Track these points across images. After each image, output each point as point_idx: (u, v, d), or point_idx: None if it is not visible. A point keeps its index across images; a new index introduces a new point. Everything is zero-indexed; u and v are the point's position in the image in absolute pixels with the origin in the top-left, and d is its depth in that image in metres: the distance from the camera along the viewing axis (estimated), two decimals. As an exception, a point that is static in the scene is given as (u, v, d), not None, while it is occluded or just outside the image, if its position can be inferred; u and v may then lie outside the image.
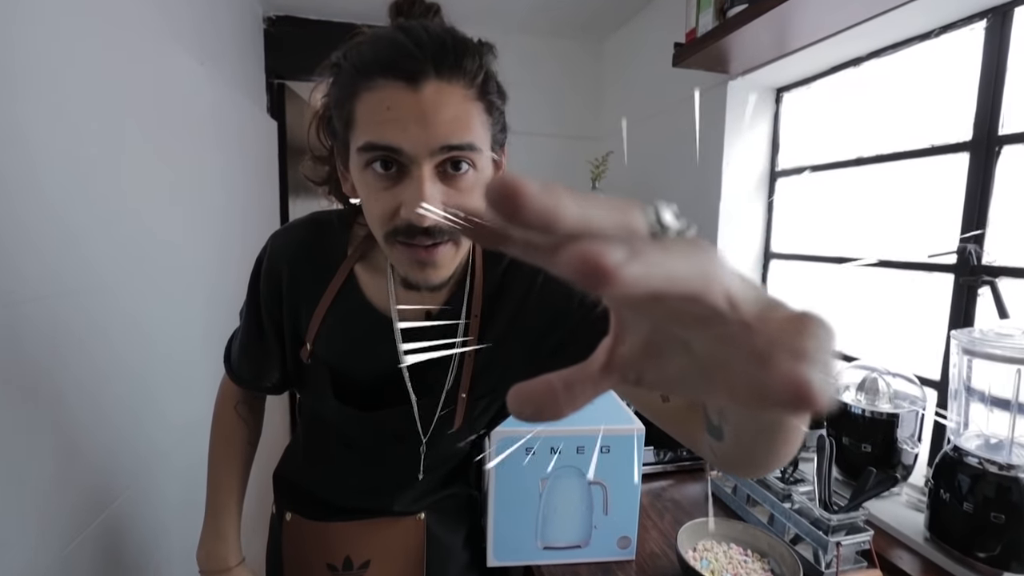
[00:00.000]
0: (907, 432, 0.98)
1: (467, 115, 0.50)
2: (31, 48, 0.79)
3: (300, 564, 0.79)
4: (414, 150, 0.48)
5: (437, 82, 0.48)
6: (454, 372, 0.65)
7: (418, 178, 0.48)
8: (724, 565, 0.82)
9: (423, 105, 0.47)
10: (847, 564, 0.83)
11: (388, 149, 0.48)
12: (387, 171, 0.50)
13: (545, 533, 0.85)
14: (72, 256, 0.91)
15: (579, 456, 0.83)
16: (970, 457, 0.82)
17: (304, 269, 0.65)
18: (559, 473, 0.83)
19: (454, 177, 0.51)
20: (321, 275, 0.64)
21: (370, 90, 0.48)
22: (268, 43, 2.11)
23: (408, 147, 0.48)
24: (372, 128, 0.49)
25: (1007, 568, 0.77)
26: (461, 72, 0.49)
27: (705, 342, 0.18)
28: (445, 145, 0.48)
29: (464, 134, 0.49)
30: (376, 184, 0.51)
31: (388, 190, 0.50)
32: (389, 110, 0.47)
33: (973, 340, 0.82)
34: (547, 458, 0.82)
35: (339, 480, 0.77)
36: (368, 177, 0.51)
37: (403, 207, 0.49)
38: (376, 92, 0.48)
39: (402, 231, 0.51)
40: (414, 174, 0.49)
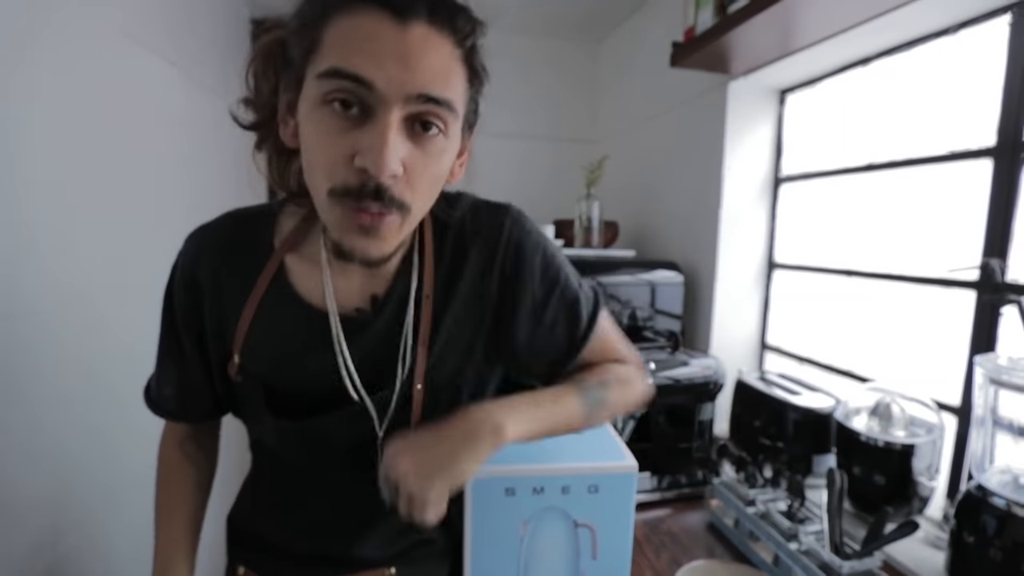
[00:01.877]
0: (924, 463, 0.90)
1: (451, 71, 0.45)
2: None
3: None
4: (387, 89, 0.42)
5: (428, 26, 0.43)
6: (408, 362, 0.56)
7: (384, 124, 0.42)
8: (725, 616, 0.74)
9: (408, 43, 0.42)
10: (861, 616, 0.75)
11: (357, 80, 0.42)
12: (347, 111, 0.43)
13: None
14: (35, 272, 0.84)
15: (565, 497, 0.75)
16: (996, 498, 0.74)
17: (225, 271, 0.56)
18: (542, 516, 0.76)
19: (422, 137, 0.46)
20: (245, 275, 0.56)
21: (347, 14, 0.43)
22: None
23: (381, 84, 0.42)
24: (343, 54, 0.42)
25: (1041, 624, 0.69)
26: (453, 26, 0.45)
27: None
28: (423, 94, 0.43)
29: (446, 88, 0.45)
30: (331, 124, 0.44)
31: (345, 133, 0.44)
32: (367, 40, 0.42)
33: (1000, 369, 0.74)
34: (529, 499, 0.75)
35: (292, 521, 0.66)
36: (323, 114, 0.44)
37: (359, 155, 0.43)
38: (354, 17, 0.42)
39: (352, 188, 0.44)
40: (380, 118, 0.43)
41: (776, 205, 1.42)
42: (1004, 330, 0.88)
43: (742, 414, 1.23)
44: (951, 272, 0.93)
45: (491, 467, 0.71)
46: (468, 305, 0.59)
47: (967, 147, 0.94)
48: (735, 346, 1.47)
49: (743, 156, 1.40)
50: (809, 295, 1.34)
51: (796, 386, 1.17)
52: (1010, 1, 0.85)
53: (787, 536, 0.84)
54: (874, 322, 1.15)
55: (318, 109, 0.44)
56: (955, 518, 0.79)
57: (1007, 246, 0.87)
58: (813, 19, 0.99)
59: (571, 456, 0.78)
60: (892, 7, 0.91)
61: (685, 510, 1.10)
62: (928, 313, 1.03)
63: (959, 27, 0.94)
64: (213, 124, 1.63)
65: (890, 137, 1.11)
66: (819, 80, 1.27)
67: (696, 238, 1.50)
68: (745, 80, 1.34)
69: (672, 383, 1.12)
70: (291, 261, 0.57)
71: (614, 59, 2.10)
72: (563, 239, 1.64)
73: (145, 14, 1.27)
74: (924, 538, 0.93)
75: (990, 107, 0.89)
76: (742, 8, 1.01)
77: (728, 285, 1.43)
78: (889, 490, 0.91)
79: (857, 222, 1.20)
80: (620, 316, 1.42)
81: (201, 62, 1.58)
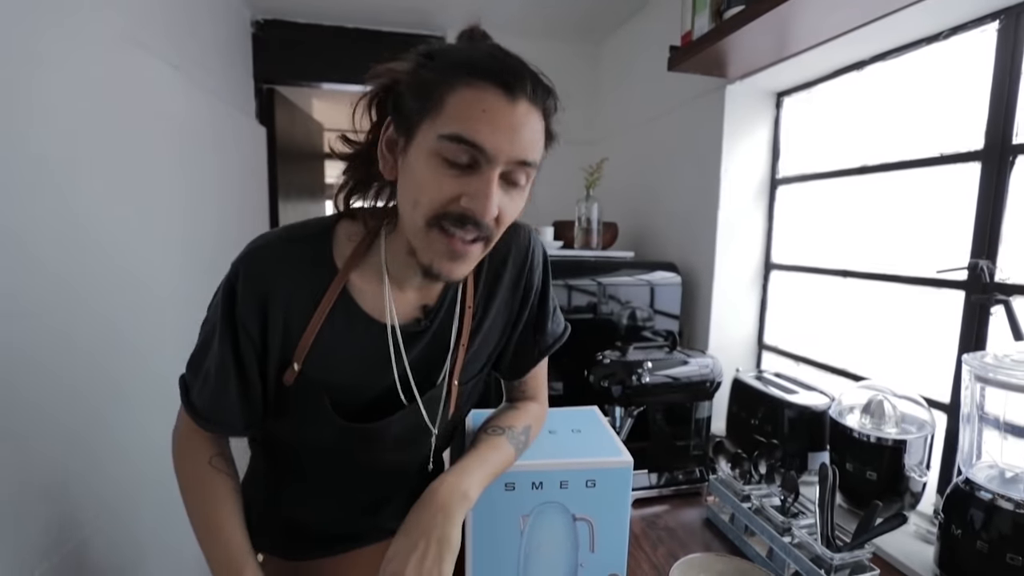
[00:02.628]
0: (915, 459, 0.92)
1: (540, 140, 0.56)
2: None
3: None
4: (496, 153, 0.52)
5: (528, 103, 0.53)
6: (449, 364, 0.68)
7: (489, 178, 0.53)
8: (719, 607, 0.76)
9: (516, 117, 0.52)
10: (851, 606, 0.78)
11: (474, 146, 0.51)
12: (459, 163, 0.52)
13: (527, 573, 0.80)
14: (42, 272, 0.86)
15: (563, 491, 0.78)
16: (983, 492, 0.76)
17: (292, 286, 0.61)
18: (541, 509, 0.78)
19: (511, 188, 0.57)
20: (312, 290, 0.61)
21: (469, 86, 0.51)
22: (256, 47, 2.07)
23: (491, 149, 0.52)
24: (465, 123, 0.51)
25: (1025, 613, 0.71)
26: (543, 104, 0.55)
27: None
28: (521, 160, 0.54)
29: (535, 154, 0.56)
30: (444, 171, 0.53)
31: (455, 178, 0.53)
32: (485, 112, 0.51)
33: (986, 366, 0.76)
34: (529, 494, 0.77)
35: (324, 505, 0.73)
36: (438, 162, 0.53)
37: (465, 197, 0.53)
38: (475, 90, 0.51)
39: (453, 217, 0.54)
40: (486, 173, 0.53)
41: (773, 206, 1.44)
42: (993, 329, 0.90)
43: (739, 412, 1.25)
44: (940, 272, 0.95)
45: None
46: (500, 312, 0.72)
47: (957, 150, 0.96)
48: (733, 346, 1.49)
49: (740, 158, 1.42)
50: (805, 295, 1.36)
51: (792, 385, 1.19)
52: (997, 8, 0.88)
53: (780, 530, 0.86)
54: (868, 321, 1.18)
55: (434, 157, 0.53)
56: (943, 511, 0.81)
57: (995, 247, 0.89)
58: (806, 25, 1.01)
59: (569, 452, 0.80)
60: (882, 14, 0.93)
61: (682, 506, 1.12)
62: (920, 312, 1.05)
63: (949, 33, 0.96)
64: (213, 126, 1.66)
65: (884, 140, 1.13)
66: (815, 84, 1.29)
67: (694, 239, 1.52)
68: (742, 83, 1.36)
69: (670, 381, 1.15)
70: (353, 278, 0.63)
71: (613, 62, 2.12)
72: (563, 240, 1.66)
73: (149, 18, 1.29)
74: (915, 532, 0.95)
75: (979, 111, 0.91)
76: (737, 14, 1.03)
77: (726, 286, 1.46)
78: (881, 485, 0.93)
79: (852, 223, 1.22)
80: (620, 316, 1.44)
81: (203, 65, 1.61)
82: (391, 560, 0.58)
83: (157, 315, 1.30)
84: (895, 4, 0.90)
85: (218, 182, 1.69)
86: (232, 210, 1.79)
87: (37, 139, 0.87)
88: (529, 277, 0.72)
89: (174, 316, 1.40)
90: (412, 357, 0.66)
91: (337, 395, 0.64)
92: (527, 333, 0.76)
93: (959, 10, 0.90)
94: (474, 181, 0.53)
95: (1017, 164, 0.87)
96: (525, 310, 0.74)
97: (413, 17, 2.04)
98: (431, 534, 0.59)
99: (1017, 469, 0.77)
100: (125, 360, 1.15)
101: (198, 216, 1.55)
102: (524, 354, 0.77)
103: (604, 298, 1.43)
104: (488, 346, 0.73)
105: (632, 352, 1.18)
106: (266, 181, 2.21)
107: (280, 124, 2.23)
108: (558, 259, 1.50)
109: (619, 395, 1.12)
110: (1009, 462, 0.78)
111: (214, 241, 1.63)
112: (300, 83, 2.18)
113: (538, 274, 0.73)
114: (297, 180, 2.49)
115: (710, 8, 1.11)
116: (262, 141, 2.16)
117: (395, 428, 0.67)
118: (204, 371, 0.64)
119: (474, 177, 0.53)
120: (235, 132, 1.85)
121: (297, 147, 2.48)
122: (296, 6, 1.98)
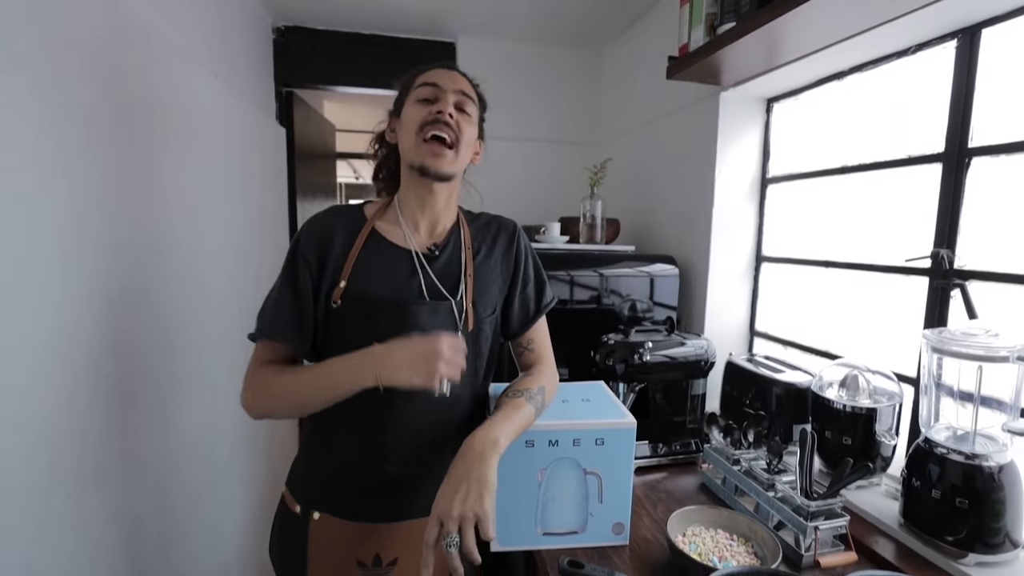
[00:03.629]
0: (885, 426, 1.04)
1: (471, 91, 0.90)
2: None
3: (327, 561, 0.83)
4: (445, 85, 0.86)
5: (459, 73, 0.91)
6: (461, 288, 0.88)
7: (445, 99, 0.85)
8: (711, 548, 0.88)
9: (454, 75, 0.89)
10: (825, 547, 0.89)
11: (433, 84, 0.86)
12: (428, 97, 0.86)
13: (544, 520, 0.92)
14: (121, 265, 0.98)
15: (576, 448, 0.89)
16: (939, 448, 0.88)
17: (340, 230, 0.87)
18: (557, 464, 0.90)
19: (461, 114, 0.87)
20: (351, 232, 0.87)
21: (427, 71, 0.89)
22: (277, 52, 2.18)
23: (442, 84, 0.86)
24: (426, 79, 0.87)
25: (972, 549, 0.83)
26: (471, 79, 0.93)
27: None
28: (461, 90, 0.88)
29: (471, 92, 0.90)
30: (420, 105, 0.85)
31: (426, 106, 0.85)
32: (436, 74, 0.88)
33: (942, 339, 0.88)
34: (546, 450, 0.89)
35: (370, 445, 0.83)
36: (415, 103, 0.86)
37: (434, 109, 0.84)
38: (430, 71, 0.89)
39: (430, 122, 0.83)
40: (443, 97, 0.85)
41: (764, 204, 1.56)
42: (953, 310, 1.02)
43: (731, 391, 1.37)
44: (908, 261, 1.07)
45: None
46: (496, 266, 0.94)
47: (922, 153, 1.08)
48: (726, 333, 1.60)
49: (733, 159, 1.54)
50: (793, 285, 1.48)
51: (780, 366, 1.31)
52: (956, 28, 1.00)
53: (766, 486, 0.98)
54: (848, 307, 1.29)
55: (414, 104, 0.86)
56: (906, 467, 0.93)
57: (954, 238, 1.01)
58: (791, 40, 1.12)
59: (581, 415, 0.92)
60: (858, 31, 1.05)
61: (680, 474, 1.24)
62: (892, 297, 1.17)
63: (916, 48, 1.08)
64: (244, 129, 1.77)
65: (861, 143, 1.25)
66: (801, 91, 1.41)
67: (691, 234, 1.63)
68: (735, 91, 1.48)
69: (668, 360, 1.26)
70: (379, 224, 0.90)
71: (614, 68, 2.24)
72: (569, 235, 1.78)
73: (194, 32, 1.41)
74: (885, 491, 1.07)
75: (940, 118, 1.03)
76: (729, 30, 1.14)
77: (720, 277, 1.57)
78: (855, 449, 1.05)
79: (834, 218, 1.34)
80: (621, 305, 1.55)
81: (235, 71, 1.72)
82: (439, 502, 0.70)
83: (205, 309, 1.41)
84: (870, 21, 1.01)
85: (246, 182, 1.80)
86: (256, 210, 1.91)
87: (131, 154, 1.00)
88: (518, 246, 0.97)
89: (219, 308, 1.51)
90: (432, 271, 0.87)
91: (377, 304, 0.82)
92: (525, 294, 0.97)
93: (924, 28, 1.02)
94: (438, 103, 0.85)
95: (972, 165, 0.99)
96: (520, 272, 0.96)
97: (425, 24, 2.15)
98: (471, 476, 0.71)
99: (968, 428, 0.88)
100: (179, 351, 1.27)
101: (234, 216, 1.67)
102: (523, 310, 0.97)
103: (607, 289, 1.55)
104: (492, 289, 0.92)
105: (634, 335, 1.30)
106: (286, 181, 2.33)
107: (298, 125, 2.34)
108: (564, 252, 1.62)
109: (622, 372, 1.24)
110: (962, 424, 0.90)
111: (242, 239, 1.75)
112: (318, 86, 2.29)
113: (525, 246, 0.98)
114: (313, 180, 2.59)
115: (705, 23, 1.23)
116: (282, 142, 2.27)
117: (425, 318, 0.83)
118: (268, 300, 0.85)
119: (438, 103, 0.85)
120: (261, 134, 1.96)
121: (312, 147, 2.58)
122: (315, 13, 2.09)
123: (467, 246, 0.92)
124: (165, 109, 1.23)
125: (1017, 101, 0.94)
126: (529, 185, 2.31)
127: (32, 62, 0.80)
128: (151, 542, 1.14)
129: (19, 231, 0.79)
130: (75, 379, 0.91)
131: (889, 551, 0.92)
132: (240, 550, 1.68)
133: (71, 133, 0.90)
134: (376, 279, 0.84)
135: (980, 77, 0.97)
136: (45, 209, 0.84)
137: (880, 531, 0.97)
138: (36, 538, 0.82)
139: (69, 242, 0.90)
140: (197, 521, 1.36)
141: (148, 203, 1.15)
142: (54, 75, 0.86)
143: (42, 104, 0.83)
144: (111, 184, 1.01)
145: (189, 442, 1.32)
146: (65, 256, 0.89)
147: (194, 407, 1.36)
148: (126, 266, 1.06)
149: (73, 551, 0.90)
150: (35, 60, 0.81)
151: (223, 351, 1.53)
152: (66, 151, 0.89)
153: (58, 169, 0.87)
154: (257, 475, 1.89)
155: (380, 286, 0.84)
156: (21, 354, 0.79)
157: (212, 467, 1.46)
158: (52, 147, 0.86)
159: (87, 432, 0.94)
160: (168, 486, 1.21)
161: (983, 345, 0.83)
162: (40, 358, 0.83)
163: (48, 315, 0.85)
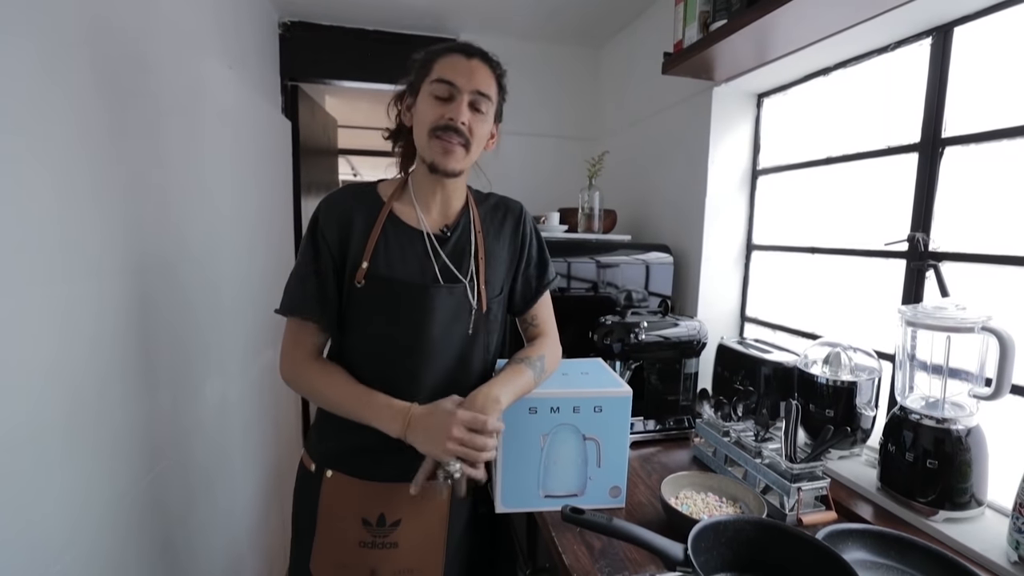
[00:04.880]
0: (865, 399, 1.11)
1: (490, 83, 0.90)
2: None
3: (336, 517, 0.89)
4: (462, 85, 0.86)
5: (480, 60, 0.89)
6: (472, 269, 0.93)
7: (460, 101, 0.86)
8: (701, 508, 0.95)
9: (472, 66, 0.87)
10: (807, 508, 0.96)
11: (449, 83, 0.86)
12: (442, 96, 0.86)
13: (546, 483, 0.98)
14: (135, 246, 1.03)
15: (576, 415, 0.96)
16: (913, 415, 0.95)
17: (359, 211, 0.91)
18: (558, 430, 0.96)
19: (476, 113, 0.88)
20: (370, 214, 0.91)
21: (445, 56, 0.88)
22: (283, 47, 2.24)
23: (459, 83, 0.86)
24: (443, 72, 0.86)
25: (942, 507, 0.90)
26: (492, 64, 0.91)
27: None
28: (478, 90, 0.87)
29: (489, 90, 0.89)
30: (435, 101, 0.87)
31: (442, 105, 0.86)
32: (454, 66, 0.87)
33: (916, 314, 0.95)
34: (548, 416, 0.95)
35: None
36: (431, 99, 0.87)
37: (448, 115, 0.86)
38: (448, 57, 0.88)
39: (442, 127, 0.86)
40: (458, 99, 0.86)
41: (754, 194, 1.63)
42: (928, 290, 1.09)
43: (723, 372, 1.43)
44: (887, 245, 1.14)
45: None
46: (504, 247, 0.99)
47: (900, 143, 1.15)
48: (719, 318, 1.67)
49: (725, 151, 1.60)
50: (783, 271, 1.55)
51: (769, 347, 1.38)
52: (930, 27, 1.07)
53: (753, 453, 1.05)
54: (833, 290, 1.36)
55: (428, 96, 0.87)
56: (883, 435, 1.00)
57: (929, 222, 1.08)
58: (779, 37, 1.19)
59: (581, 384, 0.99)
60: (841, 28, 1.11)
61: (673, 448, 1.31)
62: (873, 279, 1.24)
63: (896, 45, 1.15)
64: (255, 120, 1.83)
65: (846, 134, 1.31)
66: (790, 86, 1.48)
67: (685, 223, 1.70)
68: (727, 86, 1.54)
69: (663, 340, 1.33)
70: (395, 206, 0.93)
71: (612, 64, 2.30)
72: (568, 224, 1.84)
73: (210, 26, 1.46)
74: (865, 460, 1.14)
75: (916, 110, 1.10)
76: (721, 26, 1.21)
77: (712, 264, 1.64)
78: (837, 420, 1.11)
79: (819, 206, 1.41)
80: (618, 291, 1.62)
81: (245, 64, 1.78)
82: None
83: (220, 293, 1.47)
84: (852, 20, 1.08)
85: (257, 172, 1.85)
86: (267, 200, 1.96)
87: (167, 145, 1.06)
88: (524, 229, 1.03)
89: (230, 294, 1.57)
90: (444, 253, 0.92)
91: (396, 285, 0.87)
92: (528, 273, 1.03)
93: (901, 27, 1.09)
94: (452, 106, 0.86)
95: (945, 154, 1.06)
96: (524, 252, 1.02)
97: (428, 21, 2.21)
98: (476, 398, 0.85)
99: (938, 397, 0.95)
100: (200, 332, 1.32)
101: (247, 204, 1.73)
102: (526, 289, 1.03)
103: (603, 276, 1.61)
104: (500, 269, 0.98)
105: (630, 316, 1.36)
106: (291, 173, 2.38)
107: (302, 118, 2.40)
108: (563, 241, 1.68)
109: (619, 351, 1.30)
110: (934, 393, 0.97)
111: (253, 229, 1.80)
112: (322, 81, 2.35)
113: (530, 227, 1.04)
114: (316, 175, 2.65)
115: (699, 21, 1.29)
116: (288, 135, 2.32)
117: (446, 303, 0.89)
118: (292, 277, 0.90)
119: (452, 104, 0.86)
120: (270, 126, 2.02)
121: (315, 141, 2.64)
122: (320, 9, 2.14)
123: (477, 229, 0.96)
124: (190, 97, 1.29)
125: (986, 94, 1.01)
126: (530, 177, 2.37)
127: (65, 57, 0.86)
128: (175, 507, 1.20)
129: (50, 215, 0.83)
130: (97, 365, 0.96)
131: (867, 512, 0.99)
132: (248, 531, 1.74)
133: (95, 121, 0.95)
134: (394, 260, 0.89)
135: (953, 72, 1.04)
136: (71, 195, 0.88)
137: (859, 495, 1.04)
138: (83, 508, 0.87)
139: (94, 232, 0.95)
140: (209, 497, 1.42)
141: (170, 190, 1.20)
142: (92, 68, 0.91)
143: (68, 98, 0.88)
144: (137, 172, 1.07)
145: (200, 424, 1.37)
146: (87, 253, 0.93)
147: (206, 392, 1.41)
148: (153, 256, 1.11)
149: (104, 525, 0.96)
150: (71, 55, 0.87)
151: (238, 338, 1.58)
152: (93, 139, 0.94)
153: (85, 157, 0.93)
154: (259, 457, 1.95)
155: (398, 268, 0.89)
156: (40, 340, 0.85)
157: (223, 448, 1.51)
158: (78, 133, 0.91)
159: (113, 415, 1.00)
160: (182, 463, 1.27)
161: (952, 318, 0.90)
162: (59, 345, 0.89)
163: (73, 304, 0.88)
